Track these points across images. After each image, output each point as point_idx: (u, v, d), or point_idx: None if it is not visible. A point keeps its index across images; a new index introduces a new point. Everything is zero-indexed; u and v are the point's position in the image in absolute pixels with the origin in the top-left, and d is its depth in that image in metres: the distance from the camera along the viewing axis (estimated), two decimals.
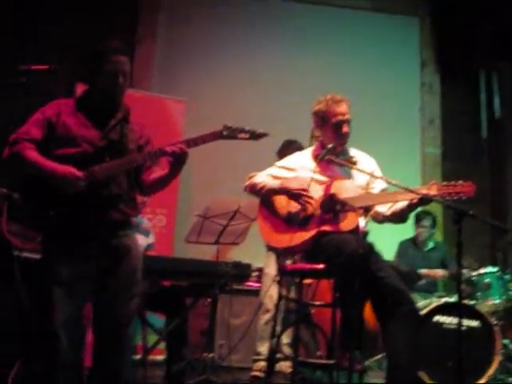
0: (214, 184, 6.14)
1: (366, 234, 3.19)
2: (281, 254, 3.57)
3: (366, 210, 3.46)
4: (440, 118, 6.99)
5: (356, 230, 3.29)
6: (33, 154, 2.80)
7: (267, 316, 4.73)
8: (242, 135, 2.89)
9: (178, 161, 2.87)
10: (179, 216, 5.86)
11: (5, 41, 5.82)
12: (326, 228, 3.31)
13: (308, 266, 3.37)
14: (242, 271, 4.12)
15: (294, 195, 3.41)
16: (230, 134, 2.87)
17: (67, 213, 2.79)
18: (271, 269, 4.65)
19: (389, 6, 7.12)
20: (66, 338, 2.73)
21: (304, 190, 3.37)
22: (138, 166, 2.94)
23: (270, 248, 3.66)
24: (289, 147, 4.84)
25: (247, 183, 3.62)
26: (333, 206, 3.32)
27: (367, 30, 6.95)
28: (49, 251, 2.85)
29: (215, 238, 4.84)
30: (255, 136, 2.92)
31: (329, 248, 3.19)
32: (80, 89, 4.84)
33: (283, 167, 3.66)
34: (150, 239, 4.59)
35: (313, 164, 3.51)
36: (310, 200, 3.37)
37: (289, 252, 3.48)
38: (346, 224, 3.29)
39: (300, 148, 4.42)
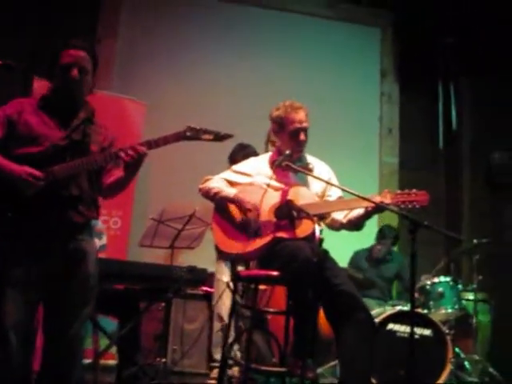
0: (172, 184, 6.07)
1: (321, 241, 3.18)
2: (234, 260, 3.54)
3: (321, 218, 3.46)
4: (398, 128, 7.06)
5: (311, 237, 3.28)
6: None
7: (221, 323, 4.68)
8: (206, 136, 2.84)
9: (136, 162, 2.81)
10: (135, 218, 5.78)
11: None
12: (282, 234, 3.28)
13: (263, 272, 3.34)
14: (197, 276, 4.08)
15: (245, 211, 3.38)
16: (194, 134, 2.81)
17: (26, 214, 2.72)
18: (223, 275, 4.64)
19: (350, 15, 7.17)
20: (16, 340, 2.65)
21: (256, 209, 3.33)
22: (100, 168, 2.87)
23: (223, 254, 3.61)
24: (241, 151, 4.77)
25: (201, 186, 3.56)
26: (289, 213, 3.30)
27: (328, 38, 6.99)
28: (4, 253, 2.75)
29: (170, 242, 4.81)
30: (220, 137, 2.86)
31: (283, 255, 3.16)
32: (37, 85, 4.74)
33: (239, 172, 3.61)
34: (103, 241, 4.53)
35: (269, 170, 3.48)
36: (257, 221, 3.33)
37: (243, 258, 3.44)
38: (302, 230, 3.27)
39: (254, 153, 4.38)
